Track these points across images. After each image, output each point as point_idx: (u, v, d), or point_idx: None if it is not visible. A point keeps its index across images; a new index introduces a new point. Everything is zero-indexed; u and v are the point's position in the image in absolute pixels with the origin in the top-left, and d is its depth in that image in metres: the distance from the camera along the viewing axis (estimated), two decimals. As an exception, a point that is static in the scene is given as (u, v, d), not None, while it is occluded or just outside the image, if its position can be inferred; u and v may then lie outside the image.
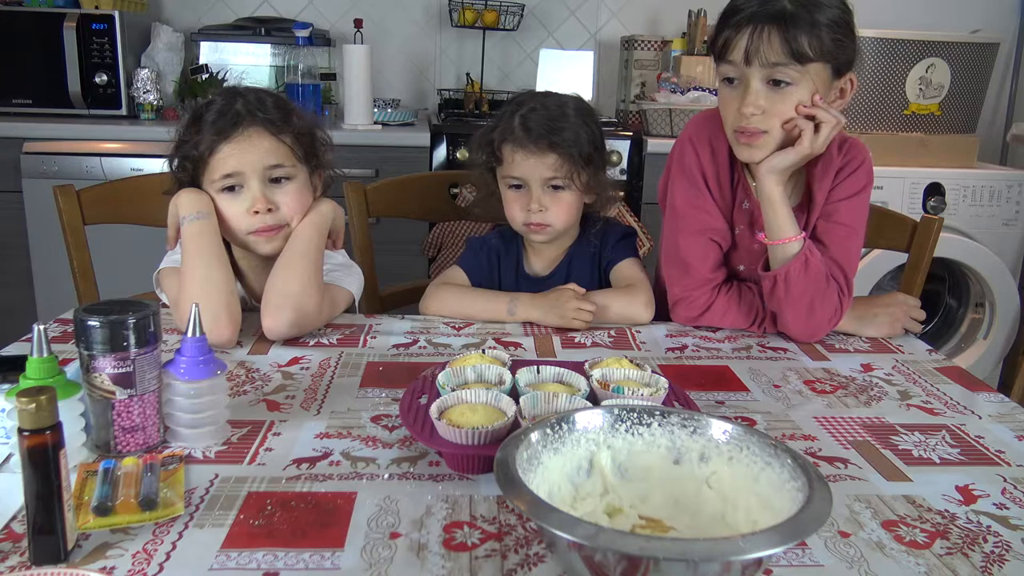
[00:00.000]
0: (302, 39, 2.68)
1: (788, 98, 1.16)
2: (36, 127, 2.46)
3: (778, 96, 1.16)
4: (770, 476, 0.69)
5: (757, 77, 1.16)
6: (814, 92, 1.16)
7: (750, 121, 1.18)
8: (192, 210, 1.19)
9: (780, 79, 1.15)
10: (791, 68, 1.14)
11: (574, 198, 1.36)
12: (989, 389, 1.09)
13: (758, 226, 1.27)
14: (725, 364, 1.16)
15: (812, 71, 1.15)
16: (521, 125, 1.34)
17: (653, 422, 0.75)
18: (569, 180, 1.34)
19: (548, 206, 1.34)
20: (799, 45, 1.12)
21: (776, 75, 1.15)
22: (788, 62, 1.13)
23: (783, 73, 1.15)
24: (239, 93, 1.22)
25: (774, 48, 1.13)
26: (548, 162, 1.33)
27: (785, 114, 1.17)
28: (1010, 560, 0.70)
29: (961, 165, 2.64)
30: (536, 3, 3.07)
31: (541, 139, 1.32)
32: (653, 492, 0.73)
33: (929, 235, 1.50)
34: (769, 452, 0.70)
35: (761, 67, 1.15)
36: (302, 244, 1.21)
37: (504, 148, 1.36)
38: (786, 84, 1.16)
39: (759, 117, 1.17)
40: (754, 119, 1.18)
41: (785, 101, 1.17)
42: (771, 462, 0.69)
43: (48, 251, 2.47)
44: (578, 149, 1.33)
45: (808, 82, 1.16)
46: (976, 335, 2.75)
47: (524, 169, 1.34)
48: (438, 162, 2.61)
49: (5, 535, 0.70)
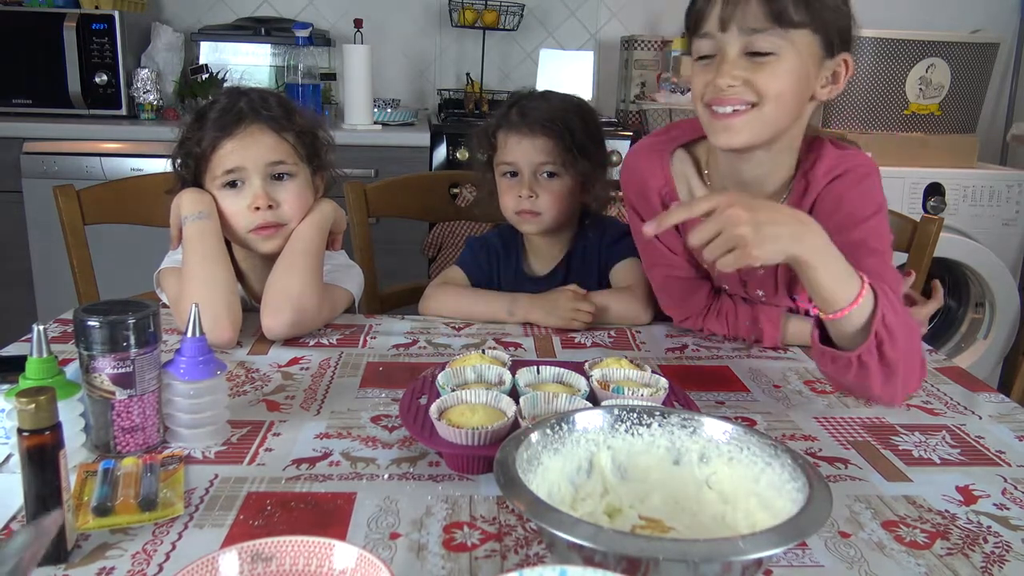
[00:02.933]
0: (302, 39, 2.68)
1: (771, 71, 0.98)
2: (36, 127, 2.46)
3: (759, 68, 0.99)
4: (770, 477, 0.69)
5: (735, 46, 0.99)
6: (804, 67, 0.99)
7: (726, 92, 1.00)
8: (194, 210, 1.19)
9: (760, 49, 0.98)
10: (773, 34, 0.97)
11: (566, 188, 1.36)
12: (989, 389, 1.09)
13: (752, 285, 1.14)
14: (725, 364, 1.16)
15: (798, 40, 0.98)
16: (517, 112, 1.36)
17: (653, 422, 0.75)
18: (562, 167, 1.34)
19: (539, 193, 1.35)
20: (782, 6, 0.96)
21: (756, 43, 0.98)
22: (769, 26, 0.97)
23: (764, 40, 0.97)
24: (243, 92, 1.23)
25: (752, 10, 0.97)
26: (540, 145, 1.33)
27: (776, 86, 0.99)
28: (1010, 560, 0.70)
29: (961, 165, 2.64)
30: (536, 3, 3.07)
31: (535, 124, 1.33)
32: (653, 492, 0.72)
33: (929, 235, 1.50)
34: (769, 452, 0.70)
35: (739, 34, 0.98)
36: (302, 244, 1.21)
37: (499, 134, 1.38)
38: (768, 54, 0.98)
39: (738, 88, 0.99)
40: (731, 90, 1.00)
41: (767, 73, 0.98)
42: (771, 463, 0.69)
43: (48, 251, 2.46)
44: (572, 137, 1.33)
45: (794, 54, 0.98)
46: (976, 335, 2.75)
47: (517, 153, 1.35)
48: (438, 162, 2.61)
49: (5, 535, 0.70)
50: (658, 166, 1.20)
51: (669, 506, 0.71)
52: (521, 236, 1.45)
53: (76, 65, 2.54)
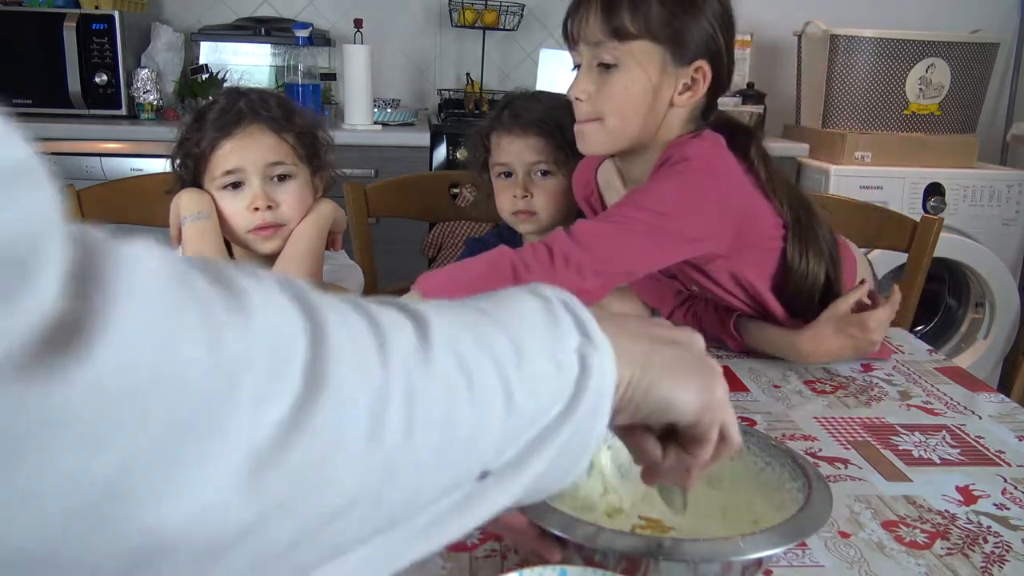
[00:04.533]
0: (302, 39, 2.68)
1: (619, 82, 1.05)
2: (36, 127, 2.45)
3: (605, 80, 1.05)
4: (769, 476, 0.69)
5: (586, 59, 1.07)
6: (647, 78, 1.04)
7: (578, 106, 1.08)
8: (192, 210, 1.19)
9: (604, 61, 1.05)
10: (613, 48, 1.03)
11: (561, 187, 1.36)
12: (989, 389, 1.09)
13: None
14: (725, 364, 1.16)
15: (637, 52, 1.03)
16: (509, 112, 1.37)
17: None
18: (555, 166, 1.35)
19: (534, 193, 1.35)
20: (620, 20, 1.02)
21: (600, 56, 1.05)
22: (608, 40, 1.03)
23: (607, 53, 1.04)
24: (242, 93, 1.23)
25: (591, 26, 1.04)
26: (532, 144, 1.34)
27: (615, 99, 1.05)
28: (1010, 561, 0.70)
29: (961, 165, 2.64)
30: (536, 3, 3.07)
31: (527, 124, 1.34)
32: (653, 492, 0.72)
33: (929, 235, 1.50)
34: (769, 452, 0.70)
35: (587, 48, 1.06)
36: (302, 244, 1.21)
37: (492, 136, 1.38)
38: (612, 66, 1.05)
39: (585, 104, 1.07)
40: (580, 105, 1.07)
41: (614, 85, 1.05)
42: (771, 462, 0.69)
43: (48, 251, 2.46)
44: (563, 135, 1.33)
45: (634, 65, 1.04)
46: (976, 335, 2.75)
47: (510, 153, 1.35)
48: (438, 162, 2.61)
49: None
50: (583, 179, 1.28)
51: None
52: (521, 236, 1.45)
53: (76, 65, 2.54)
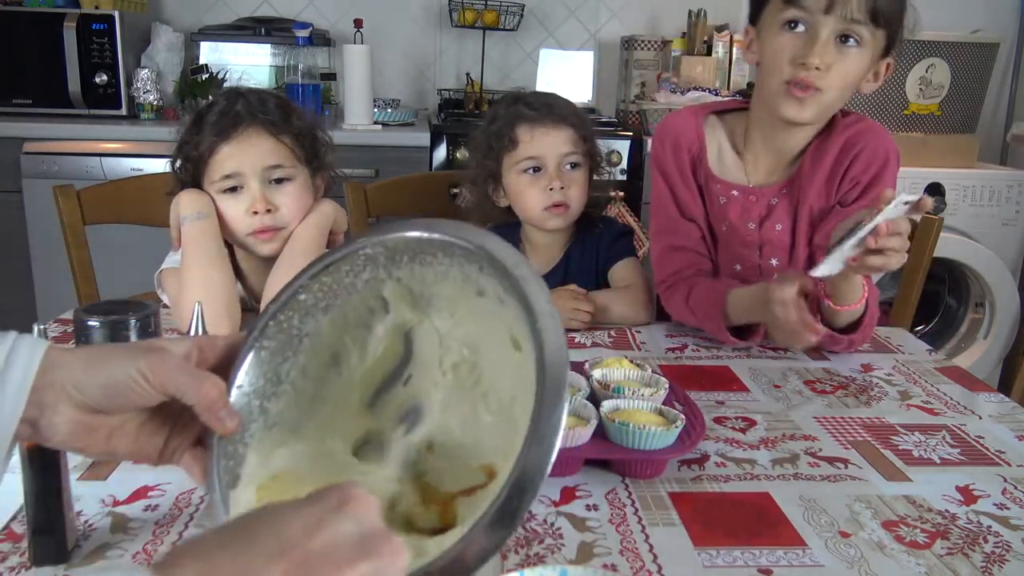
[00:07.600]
0: (302, 39, 2.68)
1: (852, 60, 1.10)
2: (36, 127, 2.46)
3: (843, 55, 1.09)
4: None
5: (830, 29, 1.08)
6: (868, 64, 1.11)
7: (811, 74, 1.09)
8: (192, 210, 1.19)
9: (851, 35, 1.09)
10: (865, 28, 1.08)
11: (586, 180, 1.37)
12: (989, 389, 1.09)
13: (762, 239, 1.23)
14: (725, 364, 1.16)
15: (875, 38, 1.10)
16: (531, 106, 1.35)
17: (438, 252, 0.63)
18: (583, 157, 1.36)
19: (567, 184, 1.34)
20: (879, 5, 1.07)
21: (850, 31, 1.08)
22: (865, 21, 1.08)
23: (857, 31, 1.08)
24: (241, 94, 1.23)
25: (855, 2, 1.07)
26: (565, 136, 1.34)
27: (845, 76, 1.10)
28: (1010, 560, 0.70)
29: (961, 165, 2.63)
30: (536, 3, 3.07)
31: (557, 115, 1.34)
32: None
33: (929, 235, 1.50)
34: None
35: (839, 20, 1.07)
36: (303, 244, 1.21)
37: (518, 129, 1.34)
38: (854, 44, 1.09)
39: (820, 73, 1.09)
40: (815, 73, 1.09)
41: (849, 62, 1.10)
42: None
43: (48, 251, 2.46)
44: (587, 128, 1.36)
45: (868, 49, 1.10)
46: (976, 335, 2.75)
47: (542, 146, 1.33)
48: (438, 162, 2.61)
49: (5, 535, 0.70)
50: (693, 126, 1.27)
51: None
52: (519, 236, 1.45)
53: (76, 65, 2.54)
